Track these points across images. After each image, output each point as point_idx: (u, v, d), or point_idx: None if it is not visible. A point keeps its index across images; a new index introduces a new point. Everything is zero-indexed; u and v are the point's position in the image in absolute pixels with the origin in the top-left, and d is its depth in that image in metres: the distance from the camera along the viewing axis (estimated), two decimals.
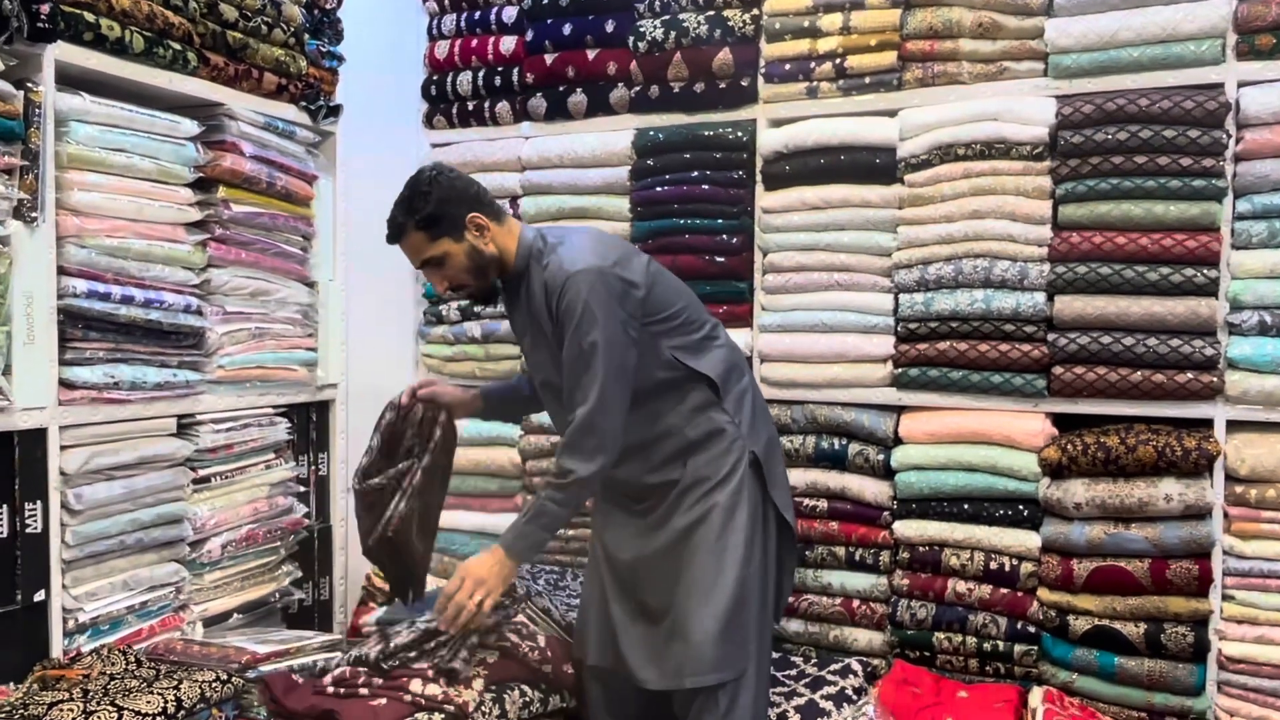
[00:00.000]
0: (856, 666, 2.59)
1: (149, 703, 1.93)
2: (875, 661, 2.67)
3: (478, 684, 2.16)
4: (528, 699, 2.28)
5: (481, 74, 3.22)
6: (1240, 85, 2.38)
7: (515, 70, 3.17)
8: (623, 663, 2.12)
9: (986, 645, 2.55)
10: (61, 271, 2.17)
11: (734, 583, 2.03)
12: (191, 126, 2.44)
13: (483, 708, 2.13)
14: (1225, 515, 2.38)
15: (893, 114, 2.74)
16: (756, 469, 2.10)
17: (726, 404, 2.10)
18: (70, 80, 2.19)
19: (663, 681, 2.05)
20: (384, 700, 2.08)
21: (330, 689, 2.14)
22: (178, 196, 2.43)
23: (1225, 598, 2.38)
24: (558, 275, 1.99)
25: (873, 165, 2.74)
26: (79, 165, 2.20)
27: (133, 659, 2.16)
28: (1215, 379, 2.39)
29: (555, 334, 2.03)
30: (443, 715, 2.05)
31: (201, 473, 2.52)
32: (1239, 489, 2.36)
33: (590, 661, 2.22)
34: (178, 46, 2.39)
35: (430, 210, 2.02)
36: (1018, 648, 2.52)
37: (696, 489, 2.07)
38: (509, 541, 2.05)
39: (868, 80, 2.75)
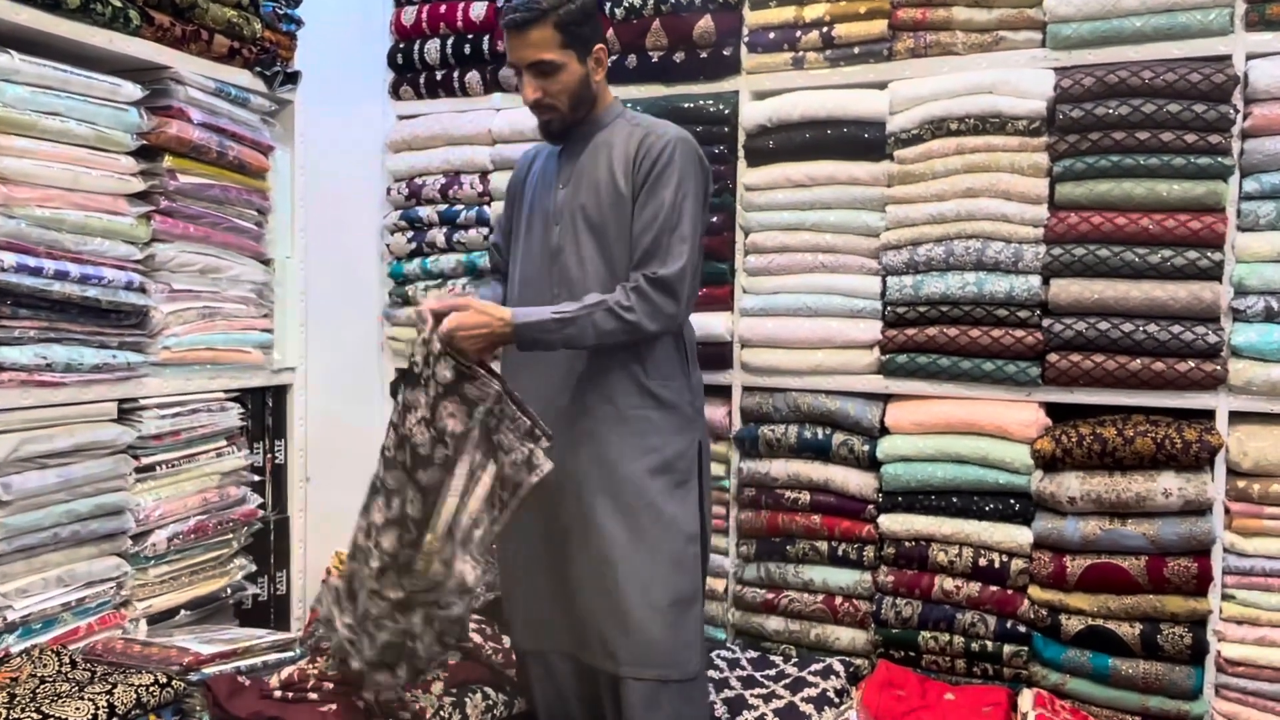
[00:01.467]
0: (839, 667, 2.49)
1: (78, 709, 1.79)
2: (858, 661, 2.57)
3: (437, 687, 2.05)
4: (491, 702, 2.17)
5: (450, 41, 3.07)
6: (1249, 57, 2.26)
7: (486, 38, 3.02)
8: (555, 639, 2.03)
9: (975, 645, 2.44)
10: None
11: (690, 574, 1.97)
12: (134, 90, 2.28)
13: (441, 712, 2.00)
14: (1226, 511, 2.28)
15: (882, 86, 2.60)
16: (700, 455, 2.07)
17: (691, 375, 2.07)
18: None
19: (607, 664, 1.95)
20: (334, 706, 1.95)
21: (277, 693, 2.02)
22: (118, 165, 2.27)
23: (1225, 597, 2.29)
24: (660, 133, 1.99)
25: (861, 140, 2.61)
26: (7, 129, 2.05)
27: (66, 660, 2.02)
28: (1218, 367, 2.28)
29: (632, 190, 1.97)
30: None
31: (145, 461, 2.37)
32: (1241, 483, 2.26)
33: (523, 646, 2.12)
34: (118, 3, 2.23)
35: (576, 14, 1.95)
36: (1007, 648, 2.42)
37: (649, 450, 1.98)
38: (523, 316, 1.88)
39: (856, 50, 2.62)
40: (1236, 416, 2.31)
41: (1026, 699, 2.29)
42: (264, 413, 2.77)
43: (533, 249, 2.10)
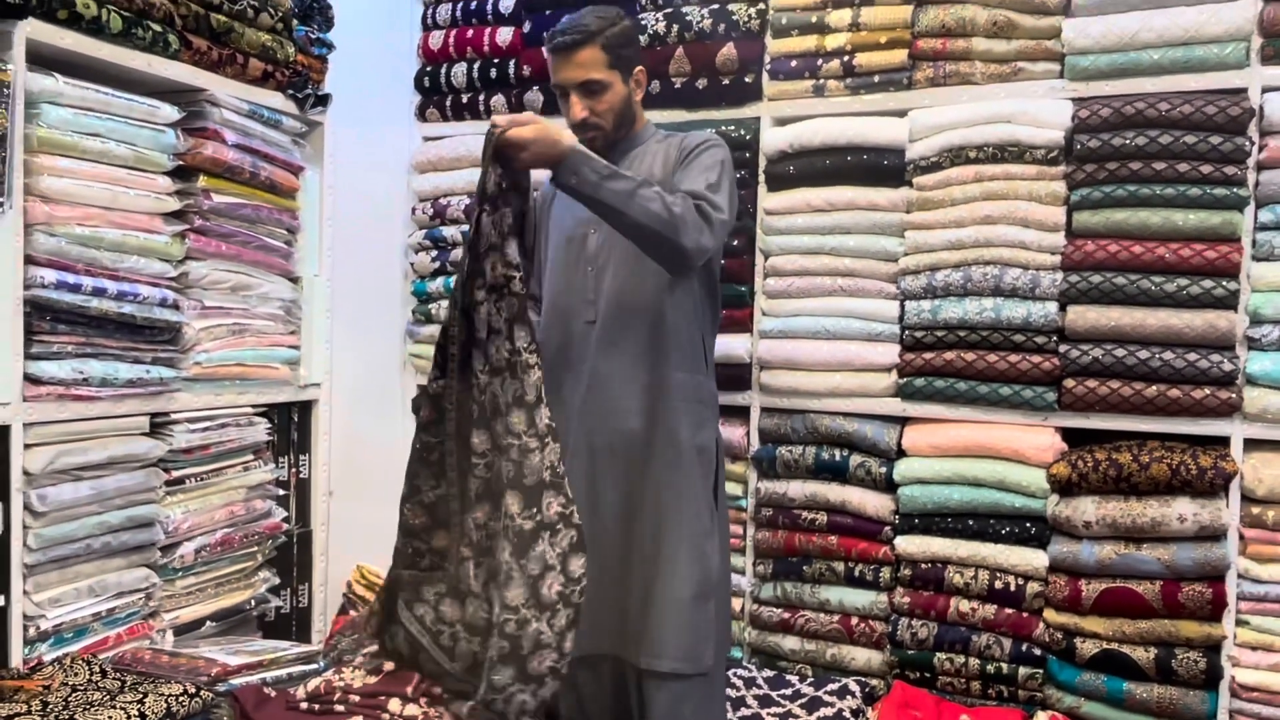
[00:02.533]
0: (854, 687, 2.51)
1: (110, 717, 1.83)
2: (874, 682, 2.58)
3: (456, 705, 2.06)
4: None
5: (477, 66, 3.13)
6: (1265, 90, 2.30)
7: (512, 62, 3.08)
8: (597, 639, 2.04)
9: (990, 667, 2.46)
10: (29, 261, 2.06)
11: (707, 569, 2.01)
12: (171, 112, 2.34)
13: None
14: (1241, 537, 2.30)
15: (902, 114, 2.65)
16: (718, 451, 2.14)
17: (710, 370, 2.15)
18: (42, 60, 2.08)
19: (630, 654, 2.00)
20: (360, 718, 1.98)
21: (304, 705, 2.04)
22: (155, 185, 2.32)
23: (1239, 623, 2.30)
24: (698, 135, 2.09)
25: (880, 167, 2.65)
26: (50, 149, 2.10)
27: (97, 669, 2.05)
28: (1233, 395, 2.31)
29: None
30: None
31: (175, 474, 2.41)
32: (1255, 510, 2.28)
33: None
34: (158, 28, 2.29)
35: (620, 37, 2.04)
36: (1022, 670, 2.44)
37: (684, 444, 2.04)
38: (581, 147, 1.87)
39: (877, 79, 2.67)
40: (1251, 444, 2.33)
41: None
42: (289, 427, 2.82)
43: (570, 258, 2.12)
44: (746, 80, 2.79)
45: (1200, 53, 2.33)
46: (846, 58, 2.68)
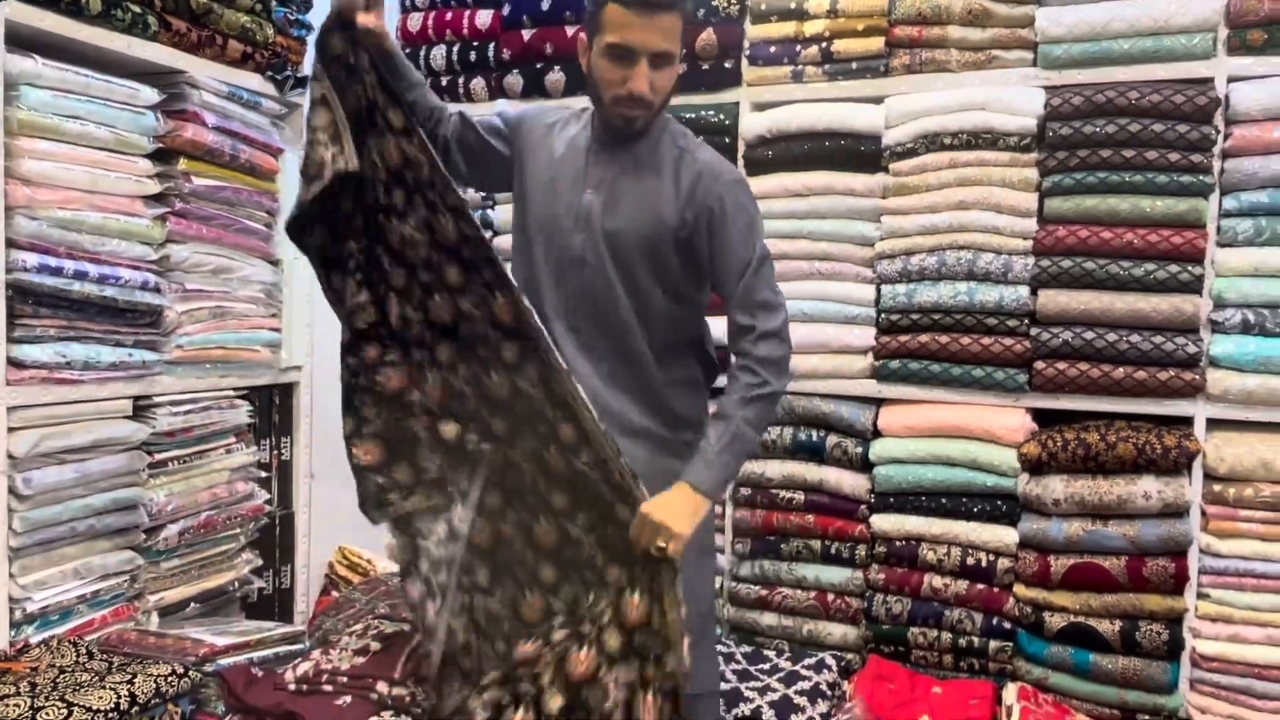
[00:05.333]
0: (831, 661, 2.57)
1: (100, 698, 1.85)
2: (849, 656, 2.64)
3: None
4: None
5: (456, 49, 3.13)
6: (1230, 80, 2.36)
7: (491, 46, 3.08)
8: None
9: (961, 641, 2.53)
10: (10, 244, 2.06)
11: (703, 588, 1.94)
12: (151, 94, 2.33)
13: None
14: (1203, 514, 2.38)
15: (879, 101, 2.69)
16: None
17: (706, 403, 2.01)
18: (21, 42, 2.07)
19: None
20: (349, 699, 2.01)
21: (292, 686, 2.07)
22: (135, 168, 2.32)
23: (1200, 596, 2.38)
24: (717, 169, 1.83)
25: (857, 152, 2.69)
26: (30, 132, 2.09)
27: (84, 651, 2.07)
28: (1197, 377, 2.38)
29: (685, 228, 1.79)
30: (411, 717, 1.98)
31: (158, 457, 2.41)
32: (1217, 487, 2.36)
33: None
34: (137, 9, 2.28)
35: (689, 14, 1.83)
36: (993, 644, 2.51)
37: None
38: (701, 476, 1.72)
39: (854, 65, 2.70)
40: (1214, 423, 2.40)
41: (1011, 693, 2.37)
42: (271, 410, 2.82)
43: (549, 242, 1.87)
44: (726, 65, 2.81)
45: (1169, 43, 2.39)
46: (825, 44, 2.71)
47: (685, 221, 1.80)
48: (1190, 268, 2.38)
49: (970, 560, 2.53)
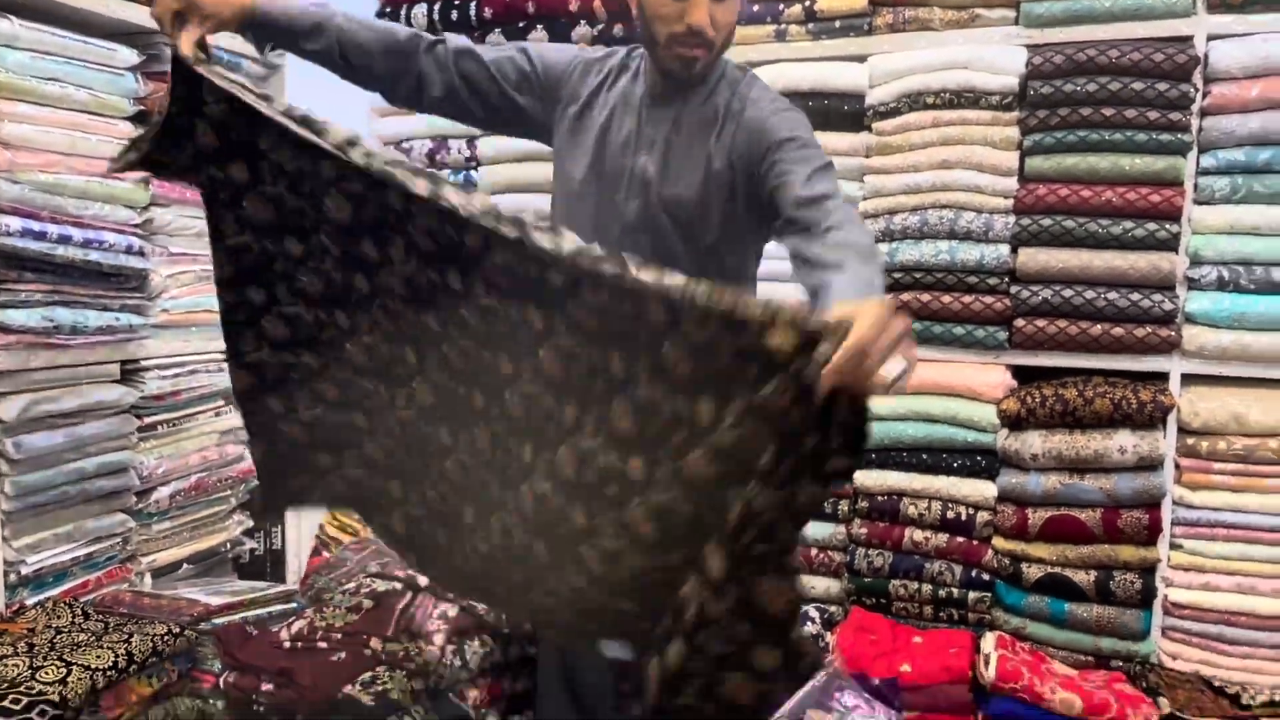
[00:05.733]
0: (814, 613, 2.62)
1: (99, 656, 1.88)
2: (832, 608, 2.70)
3: (438, 639, 2.14)
4: (488, 649, 2.27)
5: (437, 7, 3.09)
6: (1210, 38, 2.37)
7: (473, 4, 3.05)
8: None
9: (942, 592, 2.59)
10: None
11: None
12: (130, 55, 2.31)
13: (444, 660, 2.11)
14: (1176, 467, 2.43)
15: (862, 60, 2.69)
16: None
17: None
18: None
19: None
20: (344, 654, 2.05)
21: (287, 644, 2.10)
22: (116, 130, 2.30)
23: (1173, 546, 2.44)
24: (779, 105, 1.68)
25: (841, 112, 2.69)
26: (8, 94, 2.07)
27: (80, 612, 2.09)
28: (1172, 333, 2.42)
29: (746, 174, 1.67)
30: (404, 671, 2.02)
31: (147, 420, 2.43)
32: (1190, 441, 2.41)
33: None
34: None
35: None
36: (972, 595, 2.57)
37: None
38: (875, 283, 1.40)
39: (837, 24, 2.70)
40: (1188, 379, 2.45)
41: (989, 641, 2.42)
42: None
43: (598, 209, 1.75)
44: None
45: (1149, 1, 2.40)
46: (808, 3, 2.70)
47: (734, 168, 1.67)
48: (1167, 225, 2.41)
49: (950, 514, 2.59)
